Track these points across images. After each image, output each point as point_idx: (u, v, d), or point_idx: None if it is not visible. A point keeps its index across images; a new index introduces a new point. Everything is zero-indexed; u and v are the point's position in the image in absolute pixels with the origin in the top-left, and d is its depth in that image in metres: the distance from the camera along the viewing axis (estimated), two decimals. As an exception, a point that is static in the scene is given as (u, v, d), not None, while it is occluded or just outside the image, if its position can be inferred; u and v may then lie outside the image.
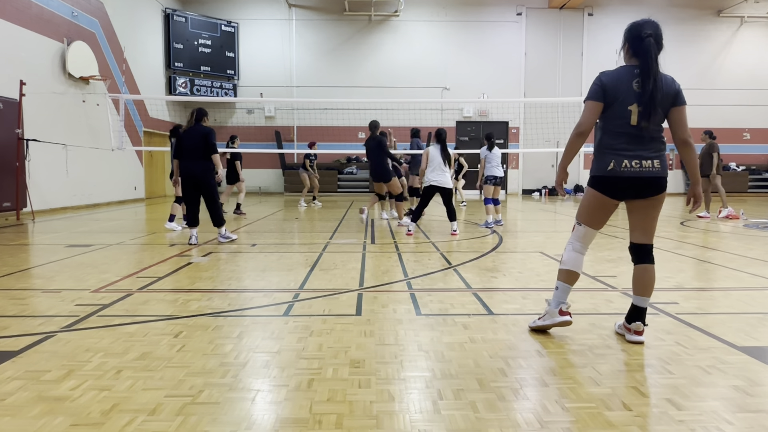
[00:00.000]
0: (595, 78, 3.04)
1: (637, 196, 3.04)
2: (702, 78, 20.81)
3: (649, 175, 2.97)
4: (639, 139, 2.97)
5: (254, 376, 2.60)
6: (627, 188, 3.01)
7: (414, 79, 20.09)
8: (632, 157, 2.96)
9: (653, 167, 2.97)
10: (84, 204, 13.38)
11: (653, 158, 2.97)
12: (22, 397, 2.34)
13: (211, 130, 6.99)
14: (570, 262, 3.19)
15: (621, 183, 3.00)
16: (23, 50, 11.15)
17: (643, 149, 2.97)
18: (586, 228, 3.19)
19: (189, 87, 19.11)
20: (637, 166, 2.95)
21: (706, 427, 2.08)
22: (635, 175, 2.96)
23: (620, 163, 2.97)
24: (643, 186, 2.99)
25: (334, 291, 4.40)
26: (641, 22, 3.02)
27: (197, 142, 6.87)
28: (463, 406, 2.26)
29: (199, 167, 6.86)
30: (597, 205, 3.12)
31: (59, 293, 4.29)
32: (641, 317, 3.07)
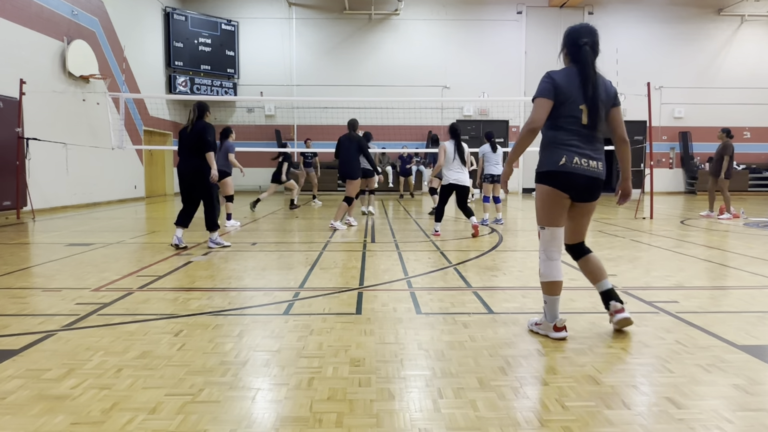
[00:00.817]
0: (544, 76, 3.10)
1: (581, 198, 3.12)
2: (702, 76, 20.80)
3: (594, 175, 3.07)
4: (589, 138, 3.07)
5: (254, 375, 2.60)
6: (576, 187, 3.07)
7: (414, 78, 20.08)
8: (582, 155, 3.04)
9: (597, 168, 3.08)
10: (84, 203, 13.38)
11: (598, 160, 3.08)
12: (23, 396, 2.34)
13: (207, 126, 6.50)
14: (548, 273, 3.15)
15: (571, 179, 3.05)
16: (23, 49, 11.14)
17: (591, 149, 3.07)
18: (551, 230, 3.16)
19: (189, 86, 19.11)
20: (585, 164, 3.05)
21: (706, 426, 2.08)
22: (583, 173, 3.04)
23: (571, 159, 3.04)
24: (588, 186, 3.08)
25: (334, 290, 4.40)
26: (578, 28, 3.12)
27: (195, 139, 6.45)
28: (464, 405, 2.26)
29: (191, 167, 6.44)
30: (552, 201, 3.12)
31: (59, 292, 4.29)
32: (613, 297, 3.21)
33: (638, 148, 20.38)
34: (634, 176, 21.33)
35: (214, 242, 6.62)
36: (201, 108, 6.62)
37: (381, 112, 18.82)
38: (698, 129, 20.89)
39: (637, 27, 20.62)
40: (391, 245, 6.94)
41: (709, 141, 20.37)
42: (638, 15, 20.59)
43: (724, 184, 10.67)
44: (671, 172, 21.32)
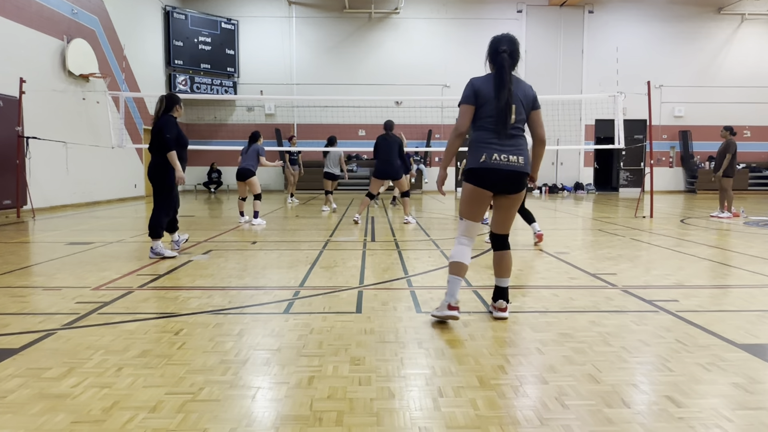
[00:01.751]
0: (467, 84, 3.41)
1: (504, 191, 3.38)
2: (702, 75, 20.80)
3: (514, 169, 3.31)
4: (508, 137, 3.33)
5: (255, 374, 2.60)
6: (497, 181, 3.33)
7: (414, 77, 20.07)
8: (500, 152, 3.31)
9: (518, 162, 3.32)
10: (84, 201, 13.38)
11: (517, 154, 3.33)
12: (24, 395, 2.34)
13: (166, 122, 5.80)
14: (457, 254, 3.47)
15: (492, 175, 3.32)
16: (23, 48, 11.14)
17: (508, 146, 3.32)
18: (468, 222, 3.49)
19: (189, 84, 19.11)
20: (504, 160, 3.30)
21: (705, 425, 2.08)
22: (502, 167, 3.30)
23: (491, 156, 3.31)
24: (510, 179, 3.33)
25: (334, 288, 4.40)
26: (500, 38, 3.41)
27: (153, 136, 5.86)
28: (463, 404, 2.26)
29: (150, 165, 5.90)
30: (474, 197, 3.42)
31: (60, 291, 4.29)
32: (503, 296, 3.53)
33: (638, 147, 20.38)
34: (634, 175, 21.41)
35: (153, 252, 5.76)
36: (170, 100, 5.99)
37: (381, 111, 18.81)
38: (698, 128, 20.88)
39: (637, 25, 20.60)
40: (391, 244, 6.95)
41: (709, 140, 20.39)
42: (638, 13, 20.57)
43: (727, 183, 10.64)
44: (671, 171, 21.32)
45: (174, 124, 5.85)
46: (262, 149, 9.55)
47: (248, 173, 9.36)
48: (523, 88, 3.40)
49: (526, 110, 3.38)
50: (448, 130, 20.53)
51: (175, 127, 5.84)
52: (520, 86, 3.38)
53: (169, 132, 5.75)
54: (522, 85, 3.41)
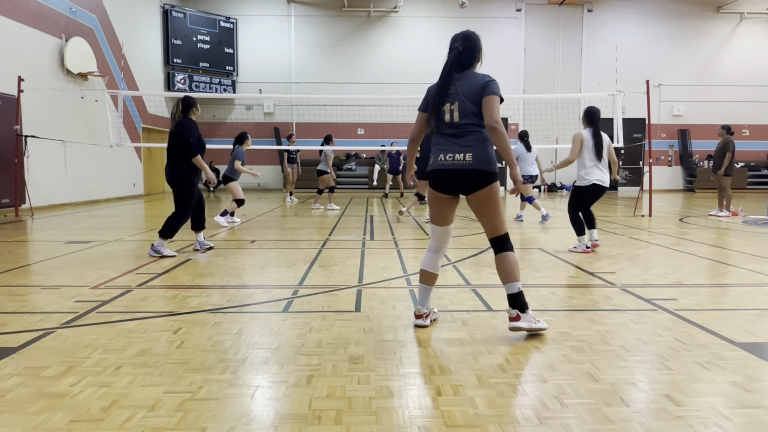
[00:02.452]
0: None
1: (455, 191, 3.21)
2: (701, 74, 20.81)
3: (459, 167, 3.11)
4: (456, 134, 3.16)
5: (253, 372, 2.60)
6: (446, 182, 3.18)
7: (413, 76, 20.03)
8: (447, 152, 3.16)
9: (463, 160, 3.10)
10: (83, 200, 13.37)
11: (465, 152, 3.11)
12: (22, 394, 2.34)
13: (186, 126, 5.78)
14: (422, 262, 3.42)
15: (439, 176, 3.19)
16: (21, 46, 11.12)
17: (458, 143, 3.14)
18: (432, 226, 3.37)
19: (188, 83, 19.08)
20: (450, 159, 3.14)
21: (704, 423, 2.09)
22: (446, 167, 3.14)
23: (437, 157, 3.20)
24: (457, 179, 3.13)
25: (333, 287, 4.40)
26: (455, 36, 3.27)
27: (173, 140, 5.86)
28: (462, 402, 2.26)
29: (169, 170, 5.87)
30: (433, 200, 3.31)
31: (58, 290, 4.29)
32: (512, 303, 3.12)
33: (637, 146, 20.39)
34: (633, 174, 21.41)
35: (154, 248, 5.78)
36: (185, 103, 5.94)
37: (380, 110, 18.81)
38: (697, 126, 20.89)
39: (636, 24, 20.60)
40: (390, 243, 6.95)
41: (708, 138, 20.39)
42: (637, 12, 20.57)
43: (726, 182, 10.65)
44: (670, 170, 21.33)
45: (194, 128, 5.83)
46: (240, 154, 8.99)
47: (225, 179, 8.96)
48: (470, 81, 3.15)
49: (473, 102, 3.11)
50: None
51: (195, 130, 5.82)
52: (467, 80, 3.16)
53: (191, 136, 5.72)
54: (470, 78, 3.17)
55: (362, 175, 20.12)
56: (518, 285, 3.12)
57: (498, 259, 3.18)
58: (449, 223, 3.34)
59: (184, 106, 5.92)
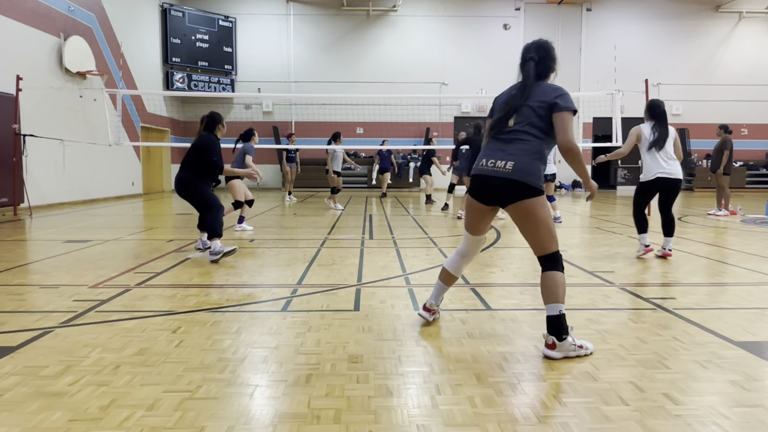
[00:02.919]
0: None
1: (498, 201, 2.98)
2: (700, 73, 20.82)
3: (498, 175, 2.90)
4: (502, 141, 2.99)
5: (252, 372, 2.60)
6: (485, 190, 2.99)
7: (412, 75, 20.06)
8: (490, 157, 2.98)
9: (504, 168, 2.89)
10: (81, 199, 13.35)
11: (507, 160, 2.90)
12: (21, 393, 2.34)
13: (209, 143, 5.75)
14: (448, 261, 3.35)
15: (478, 182, 3.02)
16: (19, 45, 11.10)
17: (501, 152, 2.96)
18: (465, 232, 3.25)
19: (186, 82, 19.06)
20: (491, 165, 2.95)
21: (702, 422, 2.09)
22: (485, 173, 2.97)
23: (480, 162, 3.04)
24: (495, 187, 2.92)
25: (332, 286, 4.40)
26: (528, 46, 3.15)
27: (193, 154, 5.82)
28: (461, 401, 2.27)
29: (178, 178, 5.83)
30: (469, 207, 3.16)
31: (57, 289, 4.28)
32: (552, 328, 2.80)
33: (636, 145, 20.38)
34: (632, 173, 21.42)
35: (213, 252, 5.52)
36: (211, 120, 5.90)
37: (379, 109, 18.80)
38: (696, 126, 20.90)
39: (635, 23, 20.61)
40: (389, 242, 6.94)
41: (706, 138, 20.39)
42: (636, 11, 20.58)
43: (725, 181, 10.66)
44: (670, 169, 21.32)
45: (218, 146, 5.80)
46: (250, 148, 8.34)
47: (227, 177, 7.90)
48: (540, 91, 2.99)
49: (537, 113, 2.93)
50: (445, 128, 20.54)
51: (217, 147, 5.79)
52: (537, 89, 3.00)
53: (215, 155, 5.72)
54: (541, 88, 3.01)
55: (361, 174, 20.12)
56: (560, 307, 2.82)
57: (543, 276, 2.92)
58: (482, 234, 3.19)
59: (209, 121, 5.89)
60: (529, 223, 2.91)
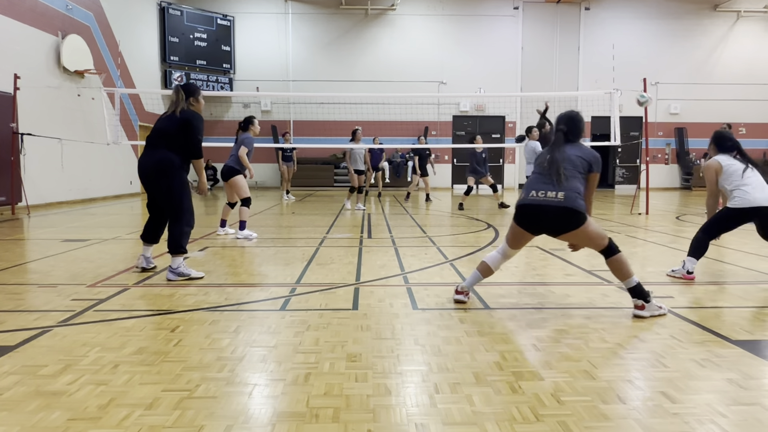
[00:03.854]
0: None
1: (549, 231, 3.54)
2: (698, 73, 20.84)
3: (549, 203, 3.42)
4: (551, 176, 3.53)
5: (251, 371, 2.60)
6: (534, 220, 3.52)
7: (410, 74, 20.05)
8: (539, 189, 3.51)
9: (555, 198, 3.41)
10: (79, 198, 13.33)
11: (558, 191, 3.43)
12: (19, 392, 2.34)
13: (194, 118, 4.63)
14: (489, 257, 3.81)
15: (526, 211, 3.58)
16: (17, 44, 11.08)
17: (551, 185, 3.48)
18: (507, 246, 3.78)
19: (185, 81, 19.02)
20: (541, 195, 3.47)
21: (700, 420, 2.10)
22: (535, 202, 3.49)
23: (528, 192, 3.56)
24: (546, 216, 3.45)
25: (330, 285, 4.40)
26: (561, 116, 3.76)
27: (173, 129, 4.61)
28: (460, 400, 2.27)
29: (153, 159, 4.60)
30: (515, 230, 3.69)
31: (55, 288, 4.28)
32: (635, 295, 3.48)
33: (634, 144, 20.42)
34: (630, 172, 21.41)
35: (174, 272, 4.55)
36: (188, 90, 4.77)
37: (377, 108, 18.79)
38: (694, 125, 20.94)
39: (633, 23, 20.63)
40: (387, 241, 6.95)
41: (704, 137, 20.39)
42: (634, 11, 20.60)
43: None
44: (667, 168, 21.38)
45: (202, 122, 4.72)
46: (248, 139, 7.25)
47: (230, 172, 7.19)
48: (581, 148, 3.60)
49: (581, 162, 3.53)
50: (444, 127, 20.55)
51: (202, 125, 4.72)
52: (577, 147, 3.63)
53: (200, 133, 4.61)
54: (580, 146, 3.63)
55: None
56: (634, 279, 3.46)
57: (609, 263, 3.50)
58: (520, 248, 3.78)
59: (187, 92, 4.75)
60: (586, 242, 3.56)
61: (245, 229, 7.11)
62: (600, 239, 3.47)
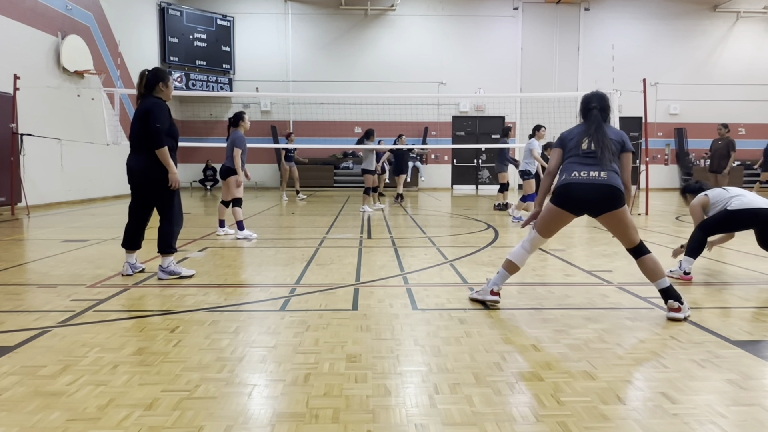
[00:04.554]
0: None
1: (590, 210, 3.56)
2: (698, 73, 20.85)
3: (595, 182, 3.49)
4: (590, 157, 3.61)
5: (251, 371, 2.60)
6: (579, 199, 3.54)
7: (410, 74, 20.05)
8: (581, 169, 3.57)
9: (599, 177, 3.49)
10: (79, 199, 13.33)
11: (601, 170, 3.51)
12: (19, 393, 2.34)
13: (153, 107, 4.45)
14: (514, 254, 3.81)
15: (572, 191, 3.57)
16: (17, 44, 11.07)
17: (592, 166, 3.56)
18: (537, 235, 3.78)
19: (184, 81, 19.03)
20: (584, 175, 3.53)
21: (700, 421, 2.10)
22: (581, 181, 3.53)
23: (570, 173, 3.60)
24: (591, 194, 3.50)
25: (330, 286, 4.40)
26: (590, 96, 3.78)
27: (138, 125, 4.57)
28: (459, 400, 2.27)
29: (138, 164, 4.75)
30: (553, 214, 3.70)
31: (55, 288, 4.28)
32: (668, 296, 3.47)
33: (634, 145, 20.41)
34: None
35: (165, 271, 4.58)
36: (152, 77, 4.55)
37: (377, 108, 18.79)
38: (693, 125, 20.95)
39: (632, 23, 20.64)
40: (387, 241, 6.95)
41: (704, 137, 20.43)
42: (634, 11, 20.60)
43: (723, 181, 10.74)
44: (666, 169, 21.38)
45: (163, 109, 4.49)
46: (237, 139, 7.02)
47: (227, 171, 7.14)
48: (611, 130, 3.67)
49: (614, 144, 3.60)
50: (443, 128, 20.55)
51: (164, 113, 4.48)
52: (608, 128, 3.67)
53: (158, 120, 4.38)
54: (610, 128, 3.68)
55: (359, 174, 20.09)
56: (667, 280, 3.51)
57: (639, 263, 3.58)
58: (553, 235, 3.78)
59: (149, 80, 4.53)
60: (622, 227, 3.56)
61: (244, 228, 7.13)
62: (635, 230, 3.55)
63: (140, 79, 4.57)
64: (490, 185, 20.80)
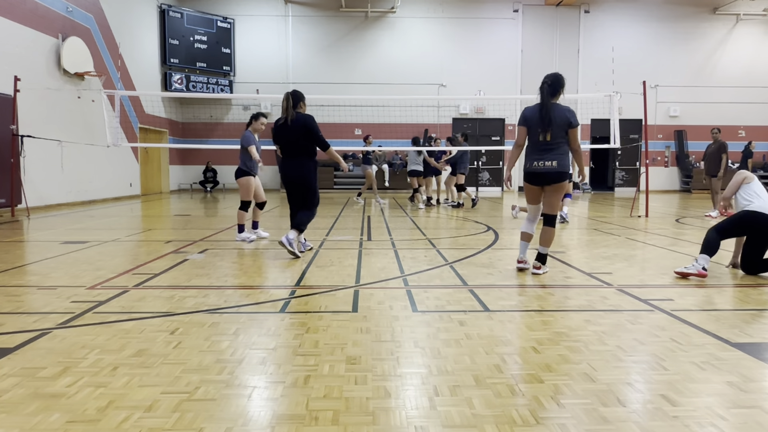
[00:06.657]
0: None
1: (545, 184, 4.88)
2: (698, 75, 20.88)
3: (549, 170, 4.82)
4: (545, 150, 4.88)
5: (251, 373, 2.60)
6: (539, 179, 4.89)
7: (410, 76, 20.07)
8: (539, 160, 4.86)
9: (551, 165, 4.80)
10: (79, 200, 13.33)
11: (552, 160, 4.80)
12: (18, 394, 2.33)
13: (310, 118, 5.75)
14: (524, 227, 5.20)
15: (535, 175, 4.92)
16: (17, 46, 11.09)
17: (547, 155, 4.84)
18: (528, 205, 5.19)
19: (185, 83, 19.05)
20: (541, 165, 4.84)
21: (700, 423, 2.09)
22: (540, 171, 4.86)
23: (532, 163, 4.91)
24: (547, 177, 4.84)
25: (330, 288, 4.40)
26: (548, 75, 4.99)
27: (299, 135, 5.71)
28: (459, 402, 2.27)
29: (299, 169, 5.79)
30: (528, 190, 5.06)
31: (55, 290, 4.28)
32: (539, 259, 4.94)
33: (634, 147, 20.44)
34: (629, 174, 21.42)
35: (289, 240, 5.67)
36: (296, 97, 5.81)
37: (377, 110, 18.81)
38: (693, 127, 20.97)
39: (632, 25, 20.67)
40: (387, 243, 6.95)
41: (704, 140, 20.46)
42: (634, 13, 20.63)
43: (717, 184, 10.78)
44: (666, 171, 21.40)
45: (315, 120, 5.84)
46: (246, 138, 7.22)
47: (238, 173, 7.22)
48: (558, 112, 4.78)
49: (561, 128, 4.77)
50: (444, 129, 20.56)
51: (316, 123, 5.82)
52: (556, 110, 4.79)
53: (319, 129, 5.78)
54: (558, 109, 4.80)
55: (359, 176, 20.10)
56: (548, 250, 4.96)
57: (544, 229, 4.94)
58: (539, 203, 5.04)
59: (295, 99, 5.79)
60: (558, 194, 4.92)
61: (244, 231, 7.17)
62: (558, 206, 4.99)
63: (286, 98, 5.79)
64: (490, 187, 20.80)
